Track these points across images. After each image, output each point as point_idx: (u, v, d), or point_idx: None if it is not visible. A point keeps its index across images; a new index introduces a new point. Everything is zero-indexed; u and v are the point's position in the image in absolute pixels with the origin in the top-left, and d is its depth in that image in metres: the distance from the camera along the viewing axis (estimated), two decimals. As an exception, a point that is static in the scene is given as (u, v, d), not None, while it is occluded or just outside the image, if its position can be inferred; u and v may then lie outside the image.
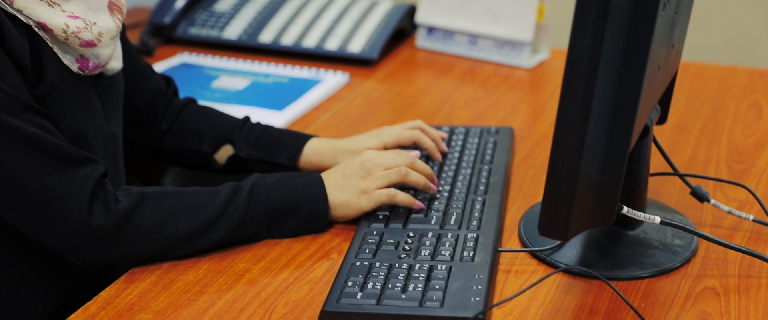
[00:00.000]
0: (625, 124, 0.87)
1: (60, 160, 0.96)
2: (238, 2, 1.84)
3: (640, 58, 0.83)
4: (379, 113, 1.51)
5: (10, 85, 0.95)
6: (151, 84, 1.26)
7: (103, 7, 1.06)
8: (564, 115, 0.85)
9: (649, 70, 0.86)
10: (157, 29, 1.78)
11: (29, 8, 0.98)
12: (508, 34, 1.65)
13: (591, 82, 0.83)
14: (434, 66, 1.69)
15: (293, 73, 1.63)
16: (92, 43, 1.03)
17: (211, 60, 1.70)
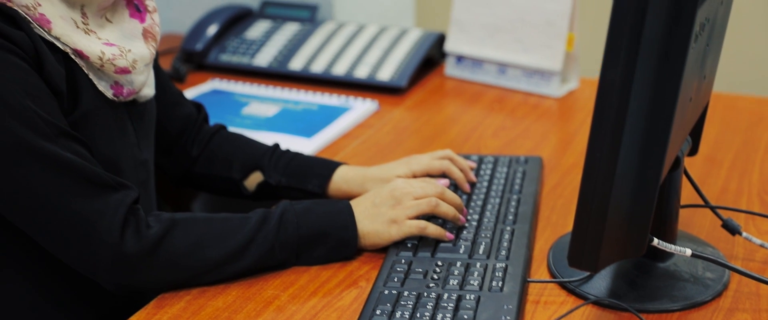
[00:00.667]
0: (656, 155, 0.86)
1: (93, 186, 0.98)
2: (269, 30, 1.85)
3: (672, 90, 0.83)
4: (408, 141, 1.51)
5: (47, 111, 0.96)
6: (182, 111, 1.28)
7: (137, 35, 1.08)
8: (595, 145, 0.84)
9: (681, 102, 0.86)
10: (188, 56, 1.80)
11: (66, 36, 0.99)
12: (538, 64, 1.65)
13: (622, 113, 0.82)
14: (463, 94, 1.69)
15: (323, 101, 1.64)
16: (127, 70, 1.05)
17: (241, 86, 1.71)
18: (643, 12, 0.79)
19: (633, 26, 0.80)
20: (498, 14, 1.69)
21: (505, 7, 1.68)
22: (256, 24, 1.88)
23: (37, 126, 0.95)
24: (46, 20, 0.98)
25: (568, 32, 1.63)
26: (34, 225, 0.98)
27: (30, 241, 1.00)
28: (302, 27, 1.85)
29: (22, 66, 0.95)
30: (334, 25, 1.85)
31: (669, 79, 0.83)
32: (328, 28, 1.84)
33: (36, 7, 0.97)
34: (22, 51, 0.95)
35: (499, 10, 1.69)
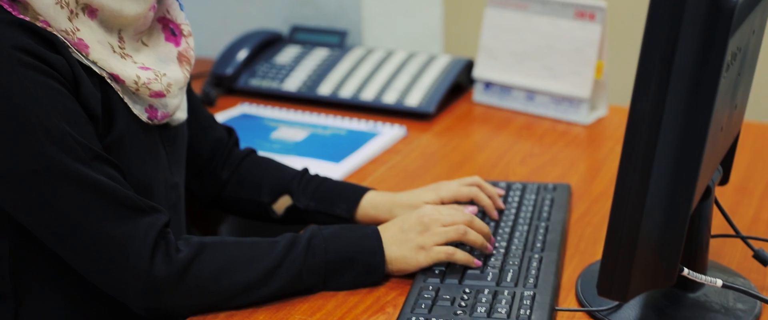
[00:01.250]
0: (687, 185, 0.86)
1: (125, 209, 0.99)
2: (299, 55, 1.87)
3: (703, 120, 0.83)
4: (436, 167, 1.51)
5: (83, 135, 0.97)
6: (213, 134, 1.29)
7: (172, 58, 1.10)
8: (625, 175, 0.84)
9: (712, 131, 0.86)
10: (219, 80, 1.82)
11: (103, 60, 1.01)
12: (566, 91, 1.65)
13: (652, 142, 0.82)
14: (491, 121, 1.69)
15: (351, 126, 1.65)
16: (161, 94, 1.06)
17: (270, 111, 1.72)
18: (674, 42, 0.79)
19: (664, 56, 0.80)
20: (527, 41, 1.69)
21: (534, 34, 1.68)
22: (286, 49, 1.90)
23: (72, 149, 0.96)
24: (84, 45, 0.99)
25: (597, 60, 1.63)
26: (66, 247, 0.99)
27: (62, 261, 1.02)
28: (331, 52, 1.87)
29: (60, 90, 0.96)
30: (363, 50, 1.86)
31: (700, 109, 0.82)
32: (357, 54, 1.85)
33: (75, 32, 0.99)
34: (61, 75, 0.97)
35: (527, 37, 1.69)
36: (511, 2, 1.70)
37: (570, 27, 1.64)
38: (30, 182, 0.95)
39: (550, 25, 1.66)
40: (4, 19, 0.94)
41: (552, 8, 1.66)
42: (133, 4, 1.03)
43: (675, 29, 0.79)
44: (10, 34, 0.93)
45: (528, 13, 1.69)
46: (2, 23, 0.94)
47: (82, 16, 0.99)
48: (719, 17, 0.80)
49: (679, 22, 0.79)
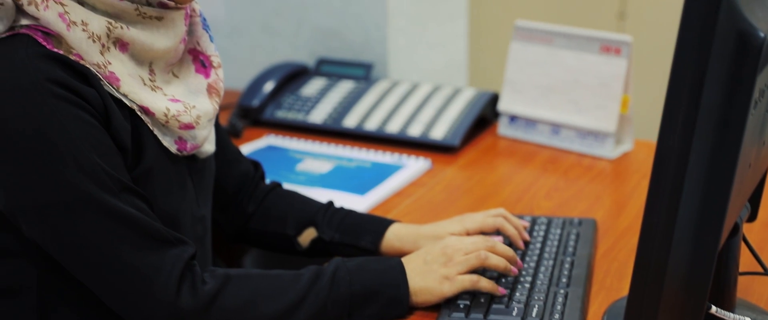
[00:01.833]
0: (715, 222, 0.85)
1: (153, 240, 0.99)
2: (324, 87, 1.88)
3: (731, 157, 0.83)
4: (461, 200, 1.51)
5: (112, 166, 0.99)
6: (239, 168, 1.30)
7: (202, 90, 1.11)
8: (652, 210, 0.84)
9: (740, 168, 0.85)
10: (245, 112, 1.83)
11: (134, 93, 1.02)
12: (592, 125, 1.64)
13: (680, 179, 0.82)
14: (516, 154, 1.69)
15: (376, 158, 1.65)
16: (191, 126, 1.07)
17: (296, 143, 1.73)
18: (701, 79, 0.79)
19: (691, 93, 0.80)
20: (552, 75, 1.69)
21: (559, 68, 1.68)
22: (312, 81, 1.91)
23: (102, 180, 0.97)
24: (115, 78, 1.01)
25: (623, 94, 1.62)
26: (92, 277, 1.00)
27: (89, 291, 1.02)
28: (357, 85, 1.88)
29: (91, 122, 0.98)
30: (389, 83, 1.87)
31: (728, 146, 0.82)
32: (382, 86, 1.86)
33: (106, 65, 1.00)
34: (93, 107, 0.98)
35: (553, 71, 1.69)
36: (537, 36, 1.71)
37: (595, 61, 1.65)
38: (59, 212, 0.97)
39: (575, 59, 1.67)
40: (38, 52, 0.96)
41: (577, 42, 1.66)
42: (164, 37, 1.04)
43: (702, 66, 0.79)
44: (44, 67, 0.95)
45: (553, 47, 1.69)
46: (37, 56, 0.95)
47: (114, 49, 1.01)
48: (747, 54, 0.80)
49: (707, 59, 0.79)
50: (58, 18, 0.97)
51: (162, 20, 1.04)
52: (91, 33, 0.98)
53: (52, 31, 0.97)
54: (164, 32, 1.04)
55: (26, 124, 0.94)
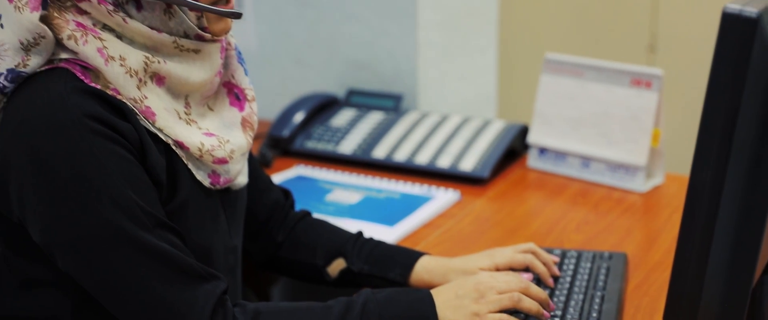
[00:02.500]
0: (748, 258, 0.85)
1: (186, 276, 1.00)
2: (354, 118, 1.89)
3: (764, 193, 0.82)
4: (490, 232, 1.51)
5: (147, 202, 0.99)
6: (270, 197, 1.30)
7: (236, 124, 1.12)
8: (684, 246, 0.84)
9: (774, 205, 0.85)
10: (275, 142, 1.85)
11: (169, 127, 1.03)
12: (622, 158, 1.64)
13: (712, 215, 0.82)
14: (546, 187, 1.69)
15: (405, 189, 1.66)
16: (225, 160, 1.08)
17: (325, 173, 1.74)
18: (734, 115, 0.79)
19: (724, 129, 0.80)
20: (582, 108, 1.69)
21: (590, 101, 1.68)
22: (342, 112, 1.92)
23: (136, 216, 0.98)
24: (151, 112, 1.02)
25: (654, 128, 1.62)
26: (126, 312, 1.00)
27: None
28: (386, 116, 1.89)
29: (127, 157, 0.98)
30: (418, 114, 1.88)
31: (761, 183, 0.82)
32: (411, 118, 1.87)
33: (143, 99, 1.01)
34: (129, 142, 0.99)
35: (583, 104, 1.69)
36: (567, 69, 1.71)
37: (626, 94, 1.64)
38: (94, 247, 0.97)
39: (605, 92, 1.67)
40: (76, 87, 0.97)
41: (608, 75, 1.66)
42: (200, 70, 1.05)
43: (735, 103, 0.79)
44: (82, 102, 0.96)
45: (583, 80, 1.69)
46: (75, 91, 0.97)
47: (151, 83, 1.02)
48: (780, 90, 0.80)
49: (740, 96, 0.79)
50: (97, 53, 0.98)
51: (199, 53, 1.05)
52: (129, 68, 1.00)
53: (90, 66, 0.99)
54: (200, 65, 1.05)
55: (63, 158, 0.95)
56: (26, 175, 0.96)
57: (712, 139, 0.80)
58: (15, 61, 0.97)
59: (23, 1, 0.95)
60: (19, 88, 0.99)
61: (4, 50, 0.97)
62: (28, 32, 0.96)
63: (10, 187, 0.98)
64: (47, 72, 0.98)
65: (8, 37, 0.96)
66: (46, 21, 0.97)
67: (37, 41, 0.96)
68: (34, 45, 0.97)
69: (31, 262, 1.04)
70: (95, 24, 1.00)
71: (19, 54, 0.97)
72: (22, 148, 0.96)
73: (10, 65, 0.97)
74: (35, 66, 0.98)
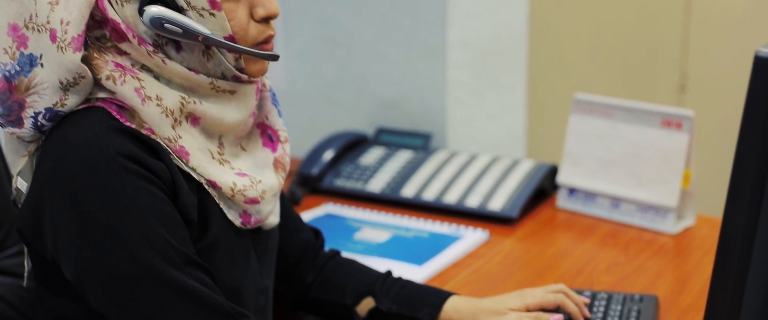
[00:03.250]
0: (783, 303, 0.84)
1: (215, 314, 1.00)
2: (383, 157, 1.90)
3: (799, 237, 0.82)
4: (519, 273, 1.50)
5: (178, 240, 1.00)
6: (301, 236, 1.31)
7: (268, 164, 1.13)
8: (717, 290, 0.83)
9: (808, 249, 0.84)
10: (304, 179, 1.86)
11: (202, 167, 1.04)
12: (653, 199, 1.63)
13: (746, 259, 0.81)
14: (575, 227, 1.68)
15: (434, 228, 1.66)
16: (256, 201, 1.09)
17: (354, 211, 1.75)
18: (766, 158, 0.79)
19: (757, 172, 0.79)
20: (612, 148, 1.69)
21: (620, 142, 1.68)
22: (371, 150, 1.93)
23: (167, 254, 0.98)
24: (185, 152, 1.03)
25: (685, 169, 1.61)
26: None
27: None
28: (415, 155, 1.89)
29: (159, 196, 0.99)
30: (447, 153, 1.88)
31: (796, 226, 0.81)
32: (440, 157, 1.87)
33: (177, 139, 1.02)
34: (161, 181, 0.99)
35: (613, 144, 1.69)
36: (596, 109, 1.71)
37: (657, 135, 1.64)
38: (125, 284, 0.98)
39: (636, 133, 1.66)
40: (112, 126, 0.98)
41: (638, 116, 1.66)
42: (235, 111, 1.06)
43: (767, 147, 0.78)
44: (116, 141, 0.97)
45: (613, 120, 1.69)
46: (110, 130, 0.98)
47: (185, 123, 1.03)
48: (814, 134, 0.79)
49: (773, 139, 0.78)
50: (135, 93, 0.99)
51: (234, 94, 1.06)
52: (165, 107, 1.01)
53: (126, 105, 1.00)
54: (235, 105, 1.06)
55: (96, 196, 0.96)
56: (60, 213, 0.98)
57: (745, 182, 0.79)
58: (53, 99, 0.98)
59: (66, 41, 0.96)
60: (56, 126, 1.00)
61: (43, 89, 0.98)
62: (69, 72, 0.97)
63: (45, 224, 0.99)
64: (84, 110, 1.00)
65: (48, 76, 0.97)
66: (86, 61, 0.98)
67: (76, 81, 0.98)
68: (74, 84, 0.98)
69: (64, 299, 1.05)
70: (133, 64, 1.01)
71: (58, 93, 0.98)
72: (57, 185, 0.97)
73: (48, 104, 0.99)
74: (72, 105, 1.00)
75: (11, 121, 1.00)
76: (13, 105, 0.99)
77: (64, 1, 0.96)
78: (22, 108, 0.99)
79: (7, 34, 0.98)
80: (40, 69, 0.97)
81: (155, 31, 0.98)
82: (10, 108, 0.99)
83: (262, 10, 1.03)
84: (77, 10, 0.96)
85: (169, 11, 0.98)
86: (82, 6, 0.96)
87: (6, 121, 1.00)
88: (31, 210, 1.00)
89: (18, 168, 1.04)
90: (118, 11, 0.99)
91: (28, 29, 0.97)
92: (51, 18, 0.96)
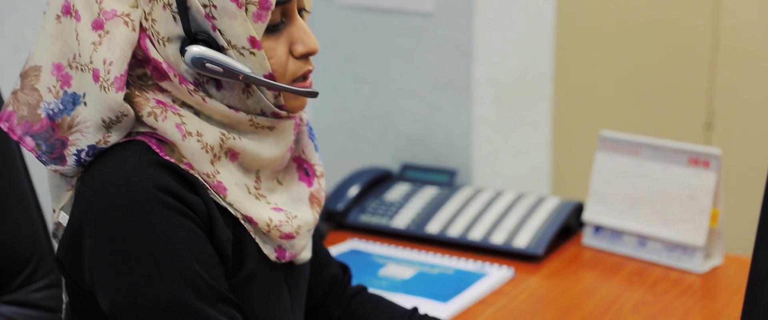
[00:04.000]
0: (814, 346, 0.83)
1: None
2: (408, 193, 1.90)
3: (830, 279, 0.81)
4: (544, 311, 1.49)
5: (212, 276, 1.00)
6: (329, 271, 1.30)
7: (304, 199, 1.13)
8: (746, 332, 0.82)
9: (839, 291, 0.83)
10: (330, 215, 1.86)
11: (239, 202, 1.04)
12: (680, 238, 1.62)
13: (776, 300, 0.80)
14: (601, 265, 1.67)
15: (459, 265, 1.65)
16: (291, 236, 1.09)
17: (379, 247, 1.74)
18: (797, 198, 0.78)
19: (787, 212, 0.79)
20: (638, 186, 1.68)
21: (646, 180, 1.67)
22: (396, 186, 1.93)
23: (200, 289, 0.98)
24: (222, 187, 1.03)
25: (712, 208, 1.60)
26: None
27: None
28: (440, 191, 1.89)
29: (195, 231, 1.00)
30: (472, 190, 1.88)
31: (826, 267, 0.80)
32: (465, 193, 1.87)
33: (215, 175, 1.02)
34: (198, 216, 1.00)
35: (639, 182, 1.68)
36: (623, 147, 1.70)
37: (683, 173, 1.63)
38: (157, 317, 0.98)
39: (662, 171, 1.65)
40: (151, 159, 0.99)
41: (664, 154, 1.65)
42: (273, 146, 1.07)
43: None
44: (154, 175, 0.98)
45: (640, 158, 1.68)
46: (149, 164, 0.99)
47: (224, 159, 1.03)
48: None
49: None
50: (176, 128, 1.00)
51: (273, 129, 1.06)
52: (205, 143, 1.01)
53: (166, 139, 1.01)
54: (274, 141, 1.07)
55: (133, 229, 0.97)
56: (97, 244, 0.98)
57: (775, 223, 0.79)
58: (96, 137, 0.99)
59: (109, 81, 0.97)
60: (96, 158, 1.01)
61: (85, 127, 0.99)
62: (111, 111, 0.98)
63: (83, 256, 1.00)
64: (124, 144, 1.01)
65: (91, 114, 0.98)
66: (128, 99, 1.00)
67: (119, 119, 0.99)
68: (116, 122, 0.99)
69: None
70: (174, 101, 1.02)
71: (101, 131, 0.99)
72: (96, 217, 0.98)
73: (91, 142, 1.00)
74: (114, 142, 1.01)
75: (54, 159, 1.01)
76: (56, 143, 1.00)
77: (107, 41, 0.97)
78: (64, 146, 1.00)
79: (51, 73, 1.00)
80: (83, 107, 0.99)
81: (196, 70, 1.00)
82: (53, 145, 1.01)
83: (301, 47, 1.04)
84: (120, 51, 0.97)
85: (210, 51, 0.99)
86: (125, 46, 0.98)
87: (49, 158, 1.02)
88: (70, 241, 1.01)
89: (61, 203, 1.05)
90: (160, 51, 1.00)
91: (71, 68, 0.99)
92: (94, 58, 0.97)
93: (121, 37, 0.97)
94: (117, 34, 0.97)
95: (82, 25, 0.98)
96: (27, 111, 1.01)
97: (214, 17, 0.98)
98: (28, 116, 1.01)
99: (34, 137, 1.01)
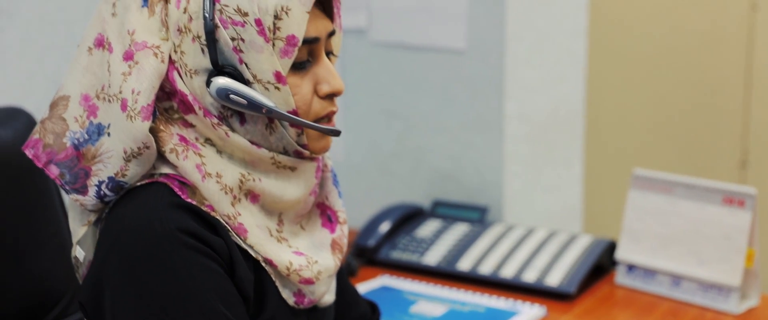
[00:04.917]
0: None
1: None
2: (439, 229, 1.90)
3: None
4: (577, 351, 1.48)
5: (235, 315, 1.00)
6: (357, 311, 1.30)
7: (326, 245, 1.12)
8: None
9: None
10: (361, 251, 1.86)
11: (260, 245, 1.04)
12: (715, 278, 1.60)
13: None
14: (634, 305, 1.65)
15: (490, 303, 1.64)
16: (311, 281, 1.08)
17: (410, 284, 1.74)
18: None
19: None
20: (672, 225, 1.66)
21: (680, 219, 1.66)
22: (427, 223, 1.93)
23: None
24: (243, 229, 1.03)
25: (748, 248, 1.58)
26: None
27: None
28: (472, 228, 1.89)
29: (218, 271, 1.00)
30: (504, 227, 1.87)
31: None
32: (497, 230, 1.86)
33: (236, 216, 1.03)
34: (220, 257, 1.00)
35: (673, 221, 1.66)
36: (656, 185, 1.69)
37: (718, 213, 1.61)
38: None
39: (697, 210, 1.64)
40: (173, 202, 1.00)
41: (698, 193, 1.64)
42: (295, 188, 1.07)
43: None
44: (176, 217, 0.98)
45: (673, 197, 1.67)
46: (171, 206, 0.99)
47: (245, 201, 1.04)
48: None
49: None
50: (195, 169, 1.01)
51: (295, 170, 1.07)
52: (225, 185, 1.02)
53: (187, 181, 1.02)
54: (296, 182, 1.07)
55: (155, 270, 0.97)
56: (119, 287, 0.99)
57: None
58: (115, 169, 1.00)
59: (136, 110, 0.98)
60: (119, 200, 1.02)
61: (107, 158, 1.00)
62: (135, 141, 0.99)
63: (105, 298, 1.00)
64: (146, 186, 1.01)
65: (114, 144, 1.00)
66: (153, 132, 1.01)
67: (140, 151, 1.00)
68: (137, 154, 1.00)
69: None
70: (197, 138, 1.03)
71: (120, 162, 1.00)
72: (118, 260, 0.99)
73: (110, 173, 1.01)
74: (133, 175, 1.01)
75: (76, 189, 1.02)
76: (79, 172, 1.02)
77: (136, 72, 0.99)
78: (87, 176, 1.01)
79: (79, 103, 1.02)
80: (106, 138, 1.00)
81: (221, 102, 1.01)
82: (77, 175, 1.02)
83: (326, 87, 1.05)
84: (148, 81, 0.99)
85: (235, 83, 1.00)
86: (153, 77, 0.99)
87: (71, 188, 1.03)
88: (92, 284, 1.02)
89: (78, 237, 1.06)
90: (188, 83, 1.01)
91: (99, 99, 1.00)
92: (123, 88, 0.99)
93: (150, 67, 0.99)
94: (146, 64, 0.99)
95: (114, 56, 1.00)
96: (53, 139, 1.02)
97: (241, 50, 0.99)
98: (53, 144, 1.02)
99: (59, 165, 1.02)
